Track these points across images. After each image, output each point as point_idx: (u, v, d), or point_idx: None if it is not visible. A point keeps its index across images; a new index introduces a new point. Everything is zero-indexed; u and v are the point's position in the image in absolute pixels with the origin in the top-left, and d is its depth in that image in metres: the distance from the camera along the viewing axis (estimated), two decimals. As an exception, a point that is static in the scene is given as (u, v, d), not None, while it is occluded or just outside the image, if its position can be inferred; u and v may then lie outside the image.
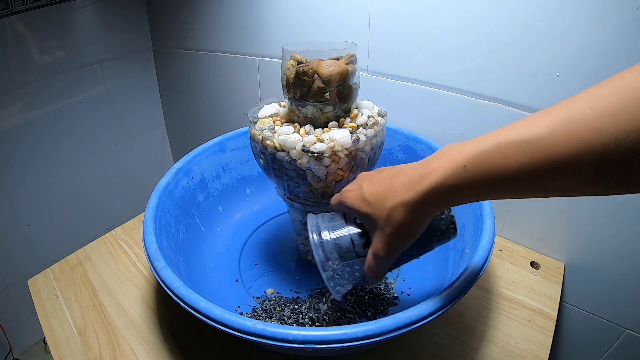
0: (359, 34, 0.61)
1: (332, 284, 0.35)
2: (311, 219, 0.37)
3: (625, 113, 0.20)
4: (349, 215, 0.36)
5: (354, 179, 0.42)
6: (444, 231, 0.33)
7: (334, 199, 0.36)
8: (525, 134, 0.23)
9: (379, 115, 0.44)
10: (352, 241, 0.34)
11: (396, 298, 0.49)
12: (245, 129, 0.63)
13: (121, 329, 0.48)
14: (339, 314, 0.45)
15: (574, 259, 0.56)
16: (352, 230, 0.35)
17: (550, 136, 0.22)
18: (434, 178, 0.26)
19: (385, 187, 0.30)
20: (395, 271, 0.52)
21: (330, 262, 0.34)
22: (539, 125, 0.23)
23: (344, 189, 0.35)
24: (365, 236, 0.34)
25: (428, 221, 0.30)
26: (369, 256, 0.32)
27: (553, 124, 0.22)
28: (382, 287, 0.50)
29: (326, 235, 0.35)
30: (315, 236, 0.35)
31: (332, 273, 0.34)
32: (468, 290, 0.35)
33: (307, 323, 0.45)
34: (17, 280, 0.96)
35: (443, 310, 0.33)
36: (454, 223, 0.33)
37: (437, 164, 0.27)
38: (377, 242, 0.31)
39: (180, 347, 0.45)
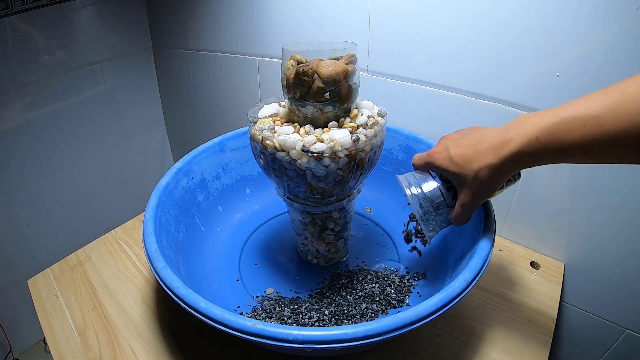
0: (359, 34, 0.61)
1: (425, 229, 0.41)
2: (404, 177, 0.42)
3: None
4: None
5: (354, 179, 0.42)
6: (511, 180, 0.39)
7: (419, 159, 0.41)
8: (585, 111, 0.28)
9: (379, 115, 0.44)
10: (442, 194, 0.40)
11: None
12: (245, 129, 0.63)
13: (121, 329, 0.48)
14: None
15: (574, 259, 0.56)
16: (441, 185, 0.40)
17: (604, 113, 0.27)
18: (513, 146, 0.32)
19: (471, 151, 0.35)
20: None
21: (423, 212, 0.40)
22: (597, 103, 0.27)
23: (432, 150, 0.40)
24: (452, 190, 0.39)
25: (506, 178, 0.36)
26: (457, 207, 0.38)
27: (606, 103, 0.27)
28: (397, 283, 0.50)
29: (419, 189, 0.41)
30: (413, 189, 0.41)
31: (425, 221, 0.41)
32: (468, 290, 0.35)
33: (307, 323, 0.45)
34: (17, 280, 0.96)
35: (443, 310, 0.33)
36: (519, 173, 0.39)
37: (514, 134, 0.32)
38: (465, 196, 0.37)
39: (180, 347, 0.45)
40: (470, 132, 0.37)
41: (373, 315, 0.46)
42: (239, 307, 0.48)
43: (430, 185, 0.40)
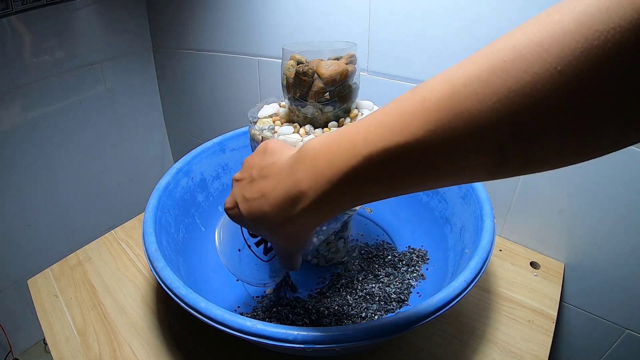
0: (359, 34, 0.61)
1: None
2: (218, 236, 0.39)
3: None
4: None
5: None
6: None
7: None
8: (401, 138, 0.20)
9: (379, 115, 0.44)
10: (256, 255, 0.38)
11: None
12: (245, 129, 0.62)
13: (121, 329, 0.48)
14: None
15: (574, 259, 0.56)
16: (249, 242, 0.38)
17: (432, 135, 0.19)
18: (306, 202, 0.24)
19: (257, 209, 0.27)
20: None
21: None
22: (416, 121, 0.19)
23: (226, 201, 0.33)
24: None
25: (314, 230, 0.28)
26: (279, 256, 0.33)
27: (432, 118, 0.19)
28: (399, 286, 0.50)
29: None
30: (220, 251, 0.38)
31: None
32: (468, 290, 0.35)
33: (307, 323, 0.45)
34: (17, 280, 0.96)
35: (443, 311, 0.33)
36: None
37: (305, 184, 0.24)
38: (278, 252, 0.32)
39: (180, 347, 0.45)
40: (258, 169, 0.28)
41: (373, 315, 0.46)
42: (238, 307, 0.48)
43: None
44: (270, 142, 0.30)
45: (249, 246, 0.38)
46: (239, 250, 0.39)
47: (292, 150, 0.27)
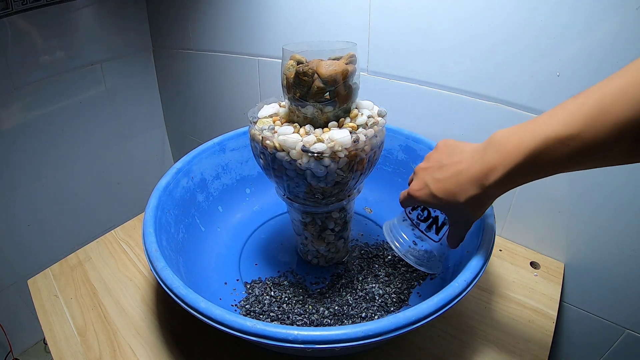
0: (359, 34, 0.61)
1: (424, 268, 0.44)
2: (387, 230, 0.46)
3: None
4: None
5: (354, 179, 0.42)
6: None
7: (403, 197, 0.41)
8: (565, 130, 0.27)
9: (379, 115, 0.44)
10: (426, 235, 0.43)
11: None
12: (245, 129, 0.62)
13: (121, 329, 0.48)
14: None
15: (574, 259, 0.56)
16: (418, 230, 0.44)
17: (585, 129, 0.26)
18: (497, 175, 0.31)
19: (453, 185, 0.34)
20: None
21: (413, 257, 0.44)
22: (575, 117, 0.26)
23: (411, 188, 0.39)
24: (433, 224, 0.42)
25: (494, 200, 0.35)
26: (453, 232, 0.39)
27: (585, 116, 0.26)
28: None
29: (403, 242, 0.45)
30: (397, 244, 0.45)
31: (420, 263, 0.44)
32: (468, 290, 0.35)
33: (307, 323, 0.45)
34: (17, 281, 0.96)
35: (443, 310, 0.33)
36: None
37: (495, 161, 0.31)
38: (457, 223, 0.38)
39: (180, 347, 0.45)
40: (445, 158, 0.36)
41: (373, 315, 0.46)
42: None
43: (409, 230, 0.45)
44: (445, 140, 0.38)
45: (422, 231, 0.43)
46: (414, 243, 0.45)
47: (466, 143, 0.36)
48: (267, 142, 0.40)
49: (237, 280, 0.52)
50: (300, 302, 0.48)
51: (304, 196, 0.44)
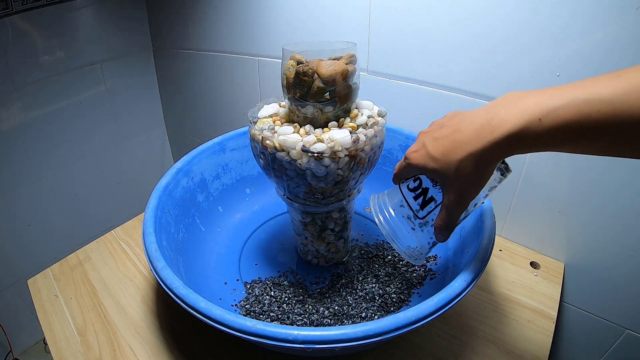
0: (358, 33, 0.61)
1: (408, 255, 0.39)
2: (373, 202, 0.41)
3: None
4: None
5: (354, 179, 0.42)
6: (501, 177, 0.34)
7: (398, 166, 0.37)
8: (599, 94, 0.24)
9: (379, 115, 0.44)
10: (411, 208, 0.37)
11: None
12: (245, 129, 0.62)
13: (121, 329, 0.48)
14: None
15: (574, 259, 0.56)
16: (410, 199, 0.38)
17: (620, 97, 0.23)
18: (506, 128, 0.27)
19: (450, 141, 0.30)
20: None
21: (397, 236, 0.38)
22: (609, 86, 0.24)
23: (408, 150, 0.35)
24: (426, 200, 0.36)
25: (494, 168, 0.30)
26: (442, 210, 0.34)
27: (621, 86, 0.23)
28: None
29: (387, 213, 0.38)
30: (380, 217, 0.39)
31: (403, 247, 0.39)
32: (468, 290, 0.35)
33: (307, 323, 0.45)
34: (17, 281, 0.96)
35: (443, 311, 0.33)
36: (507, 166, 0.34)
37: (507, 114, 0.27)
38: (449, 195, 0.32)
39: (180, 347, 0.45)
40: (448, 120, 0.33)
41: (373, 315, 0.46)
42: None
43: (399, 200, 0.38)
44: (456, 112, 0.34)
45: (406, 200, 0.38)
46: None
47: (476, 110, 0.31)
48: (267, 142, 0.40)
49: (237, 280, 0.52)
50: (300, 302, 0.48)
51: (304, 196, 0.44)
